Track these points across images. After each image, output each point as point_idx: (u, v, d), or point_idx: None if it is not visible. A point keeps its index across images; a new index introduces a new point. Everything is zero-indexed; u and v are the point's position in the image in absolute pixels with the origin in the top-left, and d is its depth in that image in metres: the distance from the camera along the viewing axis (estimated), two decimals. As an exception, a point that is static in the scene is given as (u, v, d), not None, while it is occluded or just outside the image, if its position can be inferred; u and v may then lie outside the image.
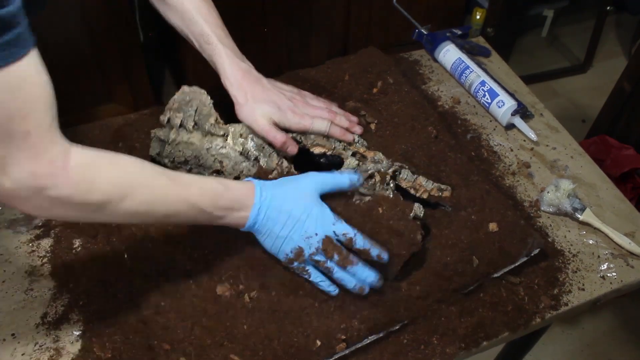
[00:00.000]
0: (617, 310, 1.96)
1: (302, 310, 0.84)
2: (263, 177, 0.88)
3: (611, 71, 2.49)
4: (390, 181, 0.92)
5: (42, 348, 0.83)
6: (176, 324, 0.83)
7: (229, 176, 0.90)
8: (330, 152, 0.95)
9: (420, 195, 0.95)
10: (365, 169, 0.92)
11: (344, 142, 0.96)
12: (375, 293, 0.85)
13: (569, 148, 1.16)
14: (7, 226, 0.97)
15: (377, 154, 0.95)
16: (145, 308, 0.85)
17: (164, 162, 0.94)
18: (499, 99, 1.17)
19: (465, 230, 0.93)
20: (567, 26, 3.02)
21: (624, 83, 2.00)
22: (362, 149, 0.96)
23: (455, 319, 0.88)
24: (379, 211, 0.86)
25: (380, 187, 0.91)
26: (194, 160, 0.91)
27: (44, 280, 0.90)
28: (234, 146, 0.91)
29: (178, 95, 0.97)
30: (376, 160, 0.94)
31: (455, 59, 1.26)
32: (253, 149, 0.91)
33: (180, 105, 0.95)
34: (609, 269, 0.96)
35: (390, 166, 0.93)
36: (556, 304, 0.92)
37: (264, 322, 0.83)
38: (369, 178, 0.90)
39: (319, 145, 0.95)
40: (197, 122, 0.94)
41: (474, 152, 1.13)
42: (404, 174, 0.94)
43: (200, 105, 0.94)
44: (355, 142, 0.97)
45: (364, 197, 0.88)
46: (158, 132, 0.96)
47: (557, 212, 1.03)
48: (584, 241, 1.00)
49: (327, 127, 0.94)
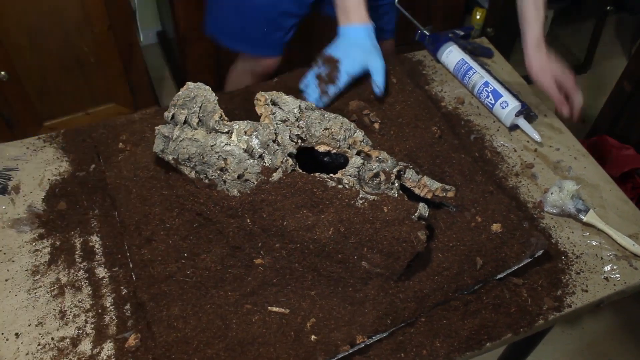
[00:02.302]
0: (617, 311, 1.96)
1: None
2: (267, 175, 0.88)
3: (611, 71, 2.50)
4: (395, 180, 0.92)
5: (45, 348, 0.83)
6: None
7: (234, 174, 0.90)
8: (334, 150, 0.95)
9: (424, 195, 0.95)
10: (370, 167, 0.91)
11: (350, 140, 0.96)
12: (378, 293, 0.86)
13: (573, 149, 1.16)
14: (10, 225, 0.96)
15: (381, 154, 0.95)
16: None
17: (168, 158, 0.94)
18: (503, 99, 1.17)
19: (468, 231, 0.93)
20: (567, 26, 3.01)
21: (624, 83, 2.00)
22: (367, 148, 0.96)
23: (458, 321, 0.88)
24: (383, 210, 0.86)
25: (385, 186, 0.91)
26: (198, 157, 0.91)
27: (47, 280, 0.90)
28: (238, 143, 0.90)
29: (182, 91, 0.96)
30: (381, 160, 0.94)
31: (458, 59, 1.26)
32: (257, 146, 0.90)
33: (185, 102, 0.95)
34: (613, 270, 0.96)
35: (394, 165, 0.93)
36: (559, 306, 0.92)
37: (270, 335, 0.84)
38: (374, 177, 0.90)
39: (324, 144, 0.95)
40: (201, 119, 0.93)
41: (478, 153, 1.13)
42: (408, 173, 0.94)
43: (205, 102, 0.94)
44: (360, 141, 0.96)
45: (369, 196, 0.88)
46: (162, 129, 0.95)
47: (561, 213, 1.03)
48: (588, 242, 1.00)
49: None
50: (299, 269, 0.87)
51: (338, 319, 0.84)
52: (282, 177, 0.88)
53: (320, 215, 0.86)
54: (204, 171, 0.91)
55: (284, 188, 0.87)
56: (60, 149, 1.09)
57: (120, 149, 1.04)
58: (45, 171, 1.05)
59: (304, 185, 0.87)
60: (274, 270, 0.88)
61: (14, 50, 1.77)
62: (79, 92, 2.00)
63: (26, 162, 1.06)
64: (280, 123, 0.93)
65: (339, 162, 0.97)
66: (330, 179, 0.89)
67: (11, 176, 1.03)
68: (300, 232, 0.85)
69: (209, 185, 0.91)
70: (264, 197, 0.87)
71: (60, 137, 1.11)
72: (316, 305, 0.86)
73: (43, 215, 0.98)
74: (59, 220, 0.98)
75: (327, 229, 0.85)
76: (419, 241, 0.84)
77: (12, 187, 1.02)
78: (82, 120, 2.05)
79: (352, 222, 0.85)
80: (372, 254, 0.85)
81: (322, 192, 0.87)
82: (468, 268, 0.89)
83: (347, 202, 0.87)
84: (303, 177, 0.88)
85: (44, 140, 1.10)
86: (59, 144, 1.10)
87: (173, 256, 0.89)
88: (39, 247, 0.94)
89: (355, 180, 0.90)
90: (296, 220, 0.86)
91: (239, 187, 0.89)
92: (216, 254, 0.89)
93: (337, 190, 0.88)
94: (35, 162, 1.06)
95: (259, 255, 0.88)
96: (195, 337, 0.82)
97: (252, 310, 0.85)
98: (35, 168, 1.05)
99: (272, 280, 0.88)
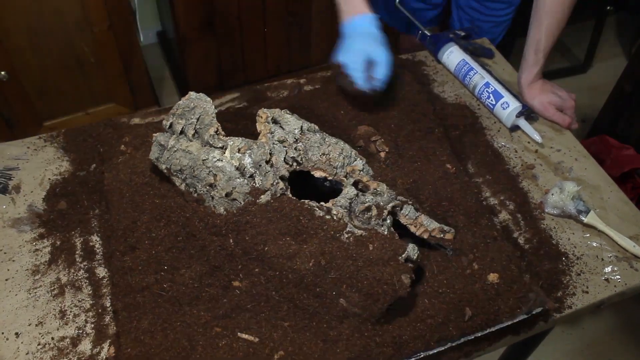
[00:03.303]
0: (617, 311, 1.96)
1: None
2: (255, 196, 0.86)
3: (611, 71, 2.49)
4: (387, 217, 0.87)
5: (45, 347, 0.83)
6: None
7: (222, 191, 0.86)
8: (330, 177, 0.91)
9: (420, 234, 0.91)
10: (363, 200, 0.87)
11: (348, 168, 0.92)
12: (353, 333, 0.82)
13: (574, 150, 1.16)
14: (11, 225, 0.96)
15: (380, 185, 0.91)
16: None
17: (162, 167, 0.92)
18: (504, 100, 1.16)
19: (462, 278, 0.89)
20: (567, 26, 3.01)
21: (624, 83, 2.00)
22: (366, 178, 0.92)
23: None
24: (368, 248, 0.83)
25: (375, 222, 0.87)
26: (189, 170, 0.88)
27: (47, 279, 0.90)
28: (230, 160, 0.87)
29: (183, 100, 0.94)
30: (377, 193, 0.90)
31: (459, 60, 1.26)
32: (249, 165, 0.87)
33: (184, 112, 0.93)
34: (613, 272, 0.96)
35: (390, 200, 0.89)
36: (560, 307, 0.91)
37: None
38: (365, 210, 0.86)
39: (320, 170, 0.91)
40: (197, 131, 0.91)
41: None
42: (405, 209, 0.90)
43: (203, 114, 0.92)
44: (359, 170, 0.93)
45: (356, 230, 0.85)
46: (160, 137, 0.93)
47: (562, 214, 1.03)
48: (588, 244, 1.00)
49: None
50: (275, 297, 0.84)
51: (308, 355, 0.81)
52: (270, 200, 0.86)
53: (303, 245, 0.84)
54: (193, 185, 0.89)
55: (270, 212, 0.85)
56: (61, 149, 1.09)
57: (122, 151, 1.04)
58: (45, 171, 1.05)
59: (290, 212, 0.85)
60: (250, 295, 0.85)
61: (14, 50, 1.77)
62: (79, 92, 2.00)
63: (27, 161, 1.06)
64: (278, 143, 0.90)
65: (338, 187, 0.92)
66: (319, 208, 0.86)
67: (12, 176, 1.03)
68: (280, 260, 0.83)
69: (197, 199, 0.89)
70: (249, 218, 0.85)
71: (61, 137, 1.11)
72: (287, 337, 0.82)
73: (43, 215, 0.98)
74: (59, 220, 0.98)
75: (308, 260, 0.82)
76: (401, 285, 0.80)
77: (13, 186, 1.02)
78: (82, 120, 2.05)
79: (334, 257, 0.82)
80: (350, 292, 0.82)
81: (307, 221, 0.84)
82: (455, 318, 0.85)
83: (332, 234, 0.84)
84: (291, 202, 0.86)
85: (45, 140, 1.10)
86: (59, 143, 1.10)
87: (153, 267, 0.87)
88: (40, 246, 0.94)
89: (345, 212, 0.86)
90: (278, 247, 0.83)
91: (225, 205, 0.87)
92: (195, 270, 0.87)
93: (324, 221, 0.85)
94: (36, 161, 1.06)
95: (237, 278, 0.86)
96: (158, 355, 0.80)
97: (221, 334, 0.83)
98: (36, 168, 1.05)
99: (247, 306, 0.85)
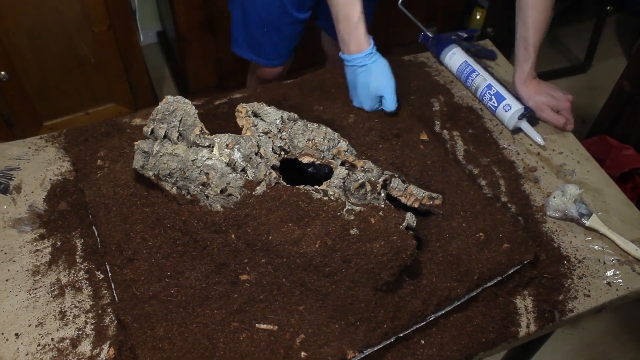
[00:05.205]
0: (617, 311, 1.96)
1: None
2: (251, 189, 0.86)
3: (611, 71, 2.49)
4: (381, 190, 0.90)
5: (45, 348, 0.83)
6: None
7: (216, 188, 0.86)
8: (318, 161, 0.93)
9: (411, 204, 0.94)
10: (355, 178, 0.89)
11: (334, 150, 0.94)
12: (368, 306, 0.83)
13: (576, 153, 1.16)
14: (11, 225, 0.96)
15: (366, 163, 0.93)
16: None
17: (149, 174, 0.91)
18: (506, 102, 1.16)
19: (456, 240, 0.91)
20: (567, 26, 3.01)
21: (624, 83, 2.00)
22: (352, 158, 0.94)
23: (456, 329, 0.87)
24: (370, 221, 0.84)
25: (371, 197, 0.89)
26: (179, 172, 0.88)
27: (47, 280, 0.90)
28: (220, 157, 0.87)
29: (162, 105, 0.94)
30: (366, 169, 0.91)
31: (461, 62, 1.25)
32: (240, 159, 0.87)
33: (164, 116, 0.92)
34: (615, 275, 0.96)
35: (380, 175, 0.91)
36: (562, 310, 0.91)
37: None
38: (359, 187, 0.88)
39: (308, 155, 0.92)
40: (181, 133, 0.91)
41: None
42: (394, 182, 0.93)
43: (185, 116, 0.91)
44: (344, 151, 0.94)
45: (355, 207, 0.87)
46: (142, 144, 0.92)
47: (563, 217, 1.03)
48: (590, 247, 1.00)
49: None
50: (286, 284, 0.85)
51: (328, 334, 0.82)
52: (266, 190, 0.86)
53: (306, 228, 0.84)
54: (185, 187, 0.89)
55: (268, 201, 0.85)
56: (61, 149, 1.09)
57: (99, 166, 1.03)
58: (46, 171, 1.05)
59: (288, 198, 0.85)
60: (261, 286, 0.85)
61: (14, 50, 1.77)
62: (79, 92, 2.00)
63: (28, 161, 1.06)
64: (263, 135, 0.91)
65: (324, 172, 0.95)
66: (315, 191, 0.87)
67: (13, 176, 1.03)
68: (286, 247, 0.83)
69: (191, 201, 0.89)
70: (248, 211, 0.85)
71: (62, 137, 1.11)
72: (305, 320, 0.83)
73: (44, 215, 0.98)
74: (60, 221, 0.97)
75: (314, 243, 0.83)
76: (407, 253, 0.83)
77: (14, 186, 1.02)
78: (82, 120, 2.04)
79: (338, 235, 0.83)
80: (360, 267, 0.83)
81: (307, 205, 0.85)
82: (458, 276, 0.88)
83: (333, 214, 0.85)
84: (287, 189, 0.86)
85: (46, 140, 1.10)
86: (60, 143, 1.10)
87: (156, 275, 0.87)
88: (40, 247, 0.94)
89: (340, 192, 0.88)
90: (282, 234, 0.84)
91: (222, 202, 0.87)
92: (200, 271, 0.87)
93: (323, 202, 0.86)
94: (37, 161, 1.06)
95: (244, 271, 0.86)
96: (181, 358, 0.80)
97: (240, 328, 0.83)
98: (36, 168, 1.05)
99: (259, 297, 0.85)
